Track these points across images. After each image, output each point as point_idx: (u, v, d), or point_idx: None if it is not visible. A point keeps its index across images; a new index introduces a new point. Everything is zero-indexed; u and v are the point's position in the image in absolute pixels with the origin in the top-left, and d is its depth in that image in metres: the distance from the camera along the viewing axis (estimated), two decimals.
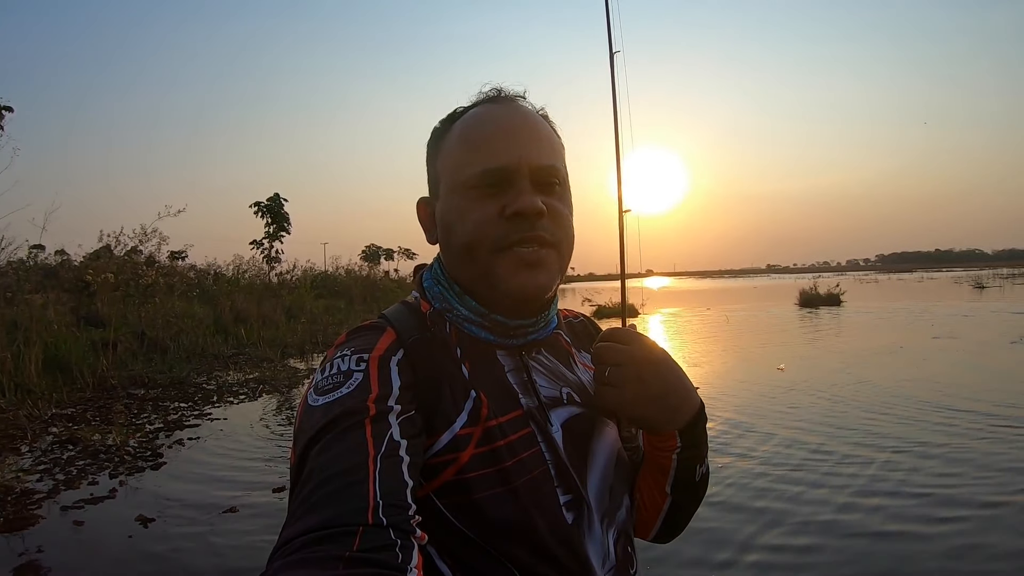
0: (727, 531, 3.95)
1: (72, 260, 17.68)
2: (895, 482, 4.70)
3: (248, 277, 25.11)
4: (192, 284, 20.50)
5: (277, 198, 30.22)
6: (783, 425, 6.55)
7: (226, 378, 10.74)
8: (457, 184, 0.87)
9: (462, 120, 0.91)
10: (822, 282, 28.68)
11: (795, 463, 5.25)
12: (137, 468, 5.64)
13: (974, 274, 65.38)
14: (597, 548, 0.86)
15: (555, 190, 0.88)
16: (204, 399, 8.91)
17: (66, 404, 8.41)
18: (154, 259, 16.90)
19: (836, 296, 26.28)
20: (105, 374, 10.02)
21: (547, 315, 0.94)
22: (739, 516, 4.19)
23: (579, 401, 0.93)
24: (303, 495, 0.66)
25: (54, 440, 6.61)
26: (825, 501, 4.39)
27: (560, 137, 0.94)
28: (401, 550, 0.61)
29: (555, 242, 0.87)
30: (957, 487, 4.54)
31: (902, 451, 5.45)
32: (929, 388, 8.13)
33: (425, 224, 0.97)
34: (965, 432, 5.99)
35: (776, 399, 7.94)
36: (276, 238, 29.68)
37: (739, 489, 4.68)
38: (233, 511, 4.54)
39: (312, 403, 0.77)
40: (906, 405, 7.26)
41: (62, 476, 5.41)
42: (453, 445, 0.80)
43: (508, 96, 0.93)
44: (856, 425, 6.45)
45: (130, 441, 6.47)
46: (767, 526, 4.00)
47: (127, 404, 8.46)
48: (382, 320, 0.90)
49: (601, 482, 0.90)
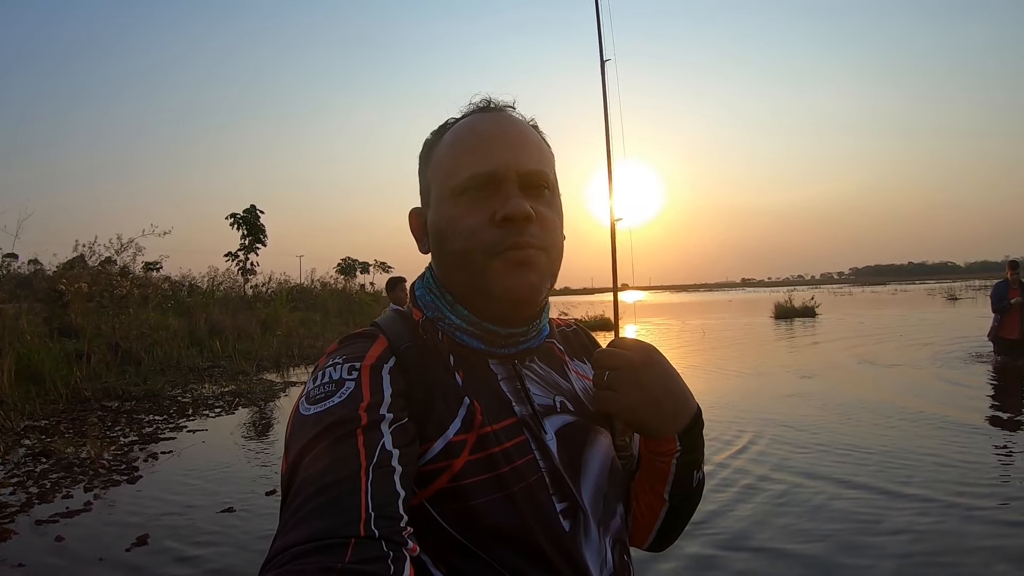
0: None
1: (46, 270, 17.39)
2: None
3: (223, 289, 24.88)
4: (167, 296, 20.28)
5: (253, 210, 30.02)
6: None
7: (201, 391, 10.66)
8: (447, 191, 0.88)
9: (452, 130, 0.92)
10: (797, 295, 28.95)
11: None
12: (113, 482, 5.59)
13: (947, 286, 66.20)
14: (595, 556, 0.85)
15: (544, 195, 0.88)
16: (179, 412, 8.84)
17: (39, 416, 8.32)
18: (128, 270, 16.73)
19: (811, 308, 26.57)
20: (79, 386, 9.93)
21: (539, 324, 0.94)
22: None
23: (573, 410, 0.92)
24: (295, 506, 0.66)
25: (27, 452, 6.55)
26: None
27: (550, 146, 0.95)
28: (393, 562, 0.62)
29: (544, 247, 0.86)
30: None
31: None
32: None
33: (417, 234, 0.97)
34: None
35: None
36: (252, 250, 29.47)
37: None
38: (215, 523, 4.53)
39: (304, 412, 0.76)
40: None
41: (35, 489, 5.36)
42: (447, 452, 0.79)
43: (498, 106, 0.94)
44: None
45: (104, 454, 6.42)
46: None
47: (101, 416, 8.39)
48: (374, 328, 0.90)
49: (595, 490, 0.89)
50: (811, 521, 4.20)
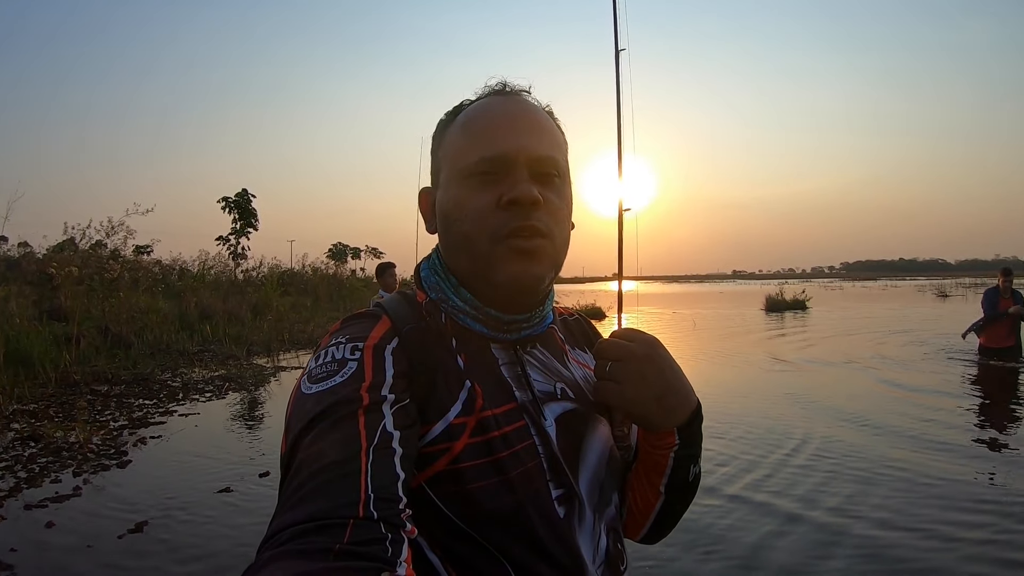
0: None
1: (35, 252, 17.35)
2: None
3: (214, 273, 24.81)
4: (157, 279, 20.22)
5: (245, 194, 29.94)
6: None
7: (191, 375, 10.62)
8: (456, 172, 0.88)
9: (466, 111, 0.92)
10: (787, 288, 29.06)
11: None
12: (102, 466, 5.57)
13: (937, 283, 66.55)
14: (588, 543, 0.86)
15: (553, 182, 0.88)
16: (169, 396, 8.80)
17: (28, 400, 8.26)
18: (119, 253, 16.65)
19: (802, 302, 26.72)
20: (68, 369, 9.86)
21: (542, 311, 0.94)
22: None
23: (573, 397, 0.93)
24: (294, 485, 0.66)
25: (15, 436, 6.50)
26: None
27: (563, 133, 0.95)
28: (391, 544, 0.62)
29: (550, 234, 0.86)
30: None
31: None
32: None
33: (425, 214, 0.97)
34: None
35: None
36: (243, 234, 29.39)
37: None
38: (208, 507, 4.53)
39: (305, 391, 0.76)
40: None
41: (24, 474, 5.33)
42: (447, 434, 0.80)
43: (513, 90, 0.93)
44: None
45: (94, 438, 6.39)
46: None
47: (90, 400, 8.34)
48: (377, 308, 0.90)
49: (593, 478, 0.90)
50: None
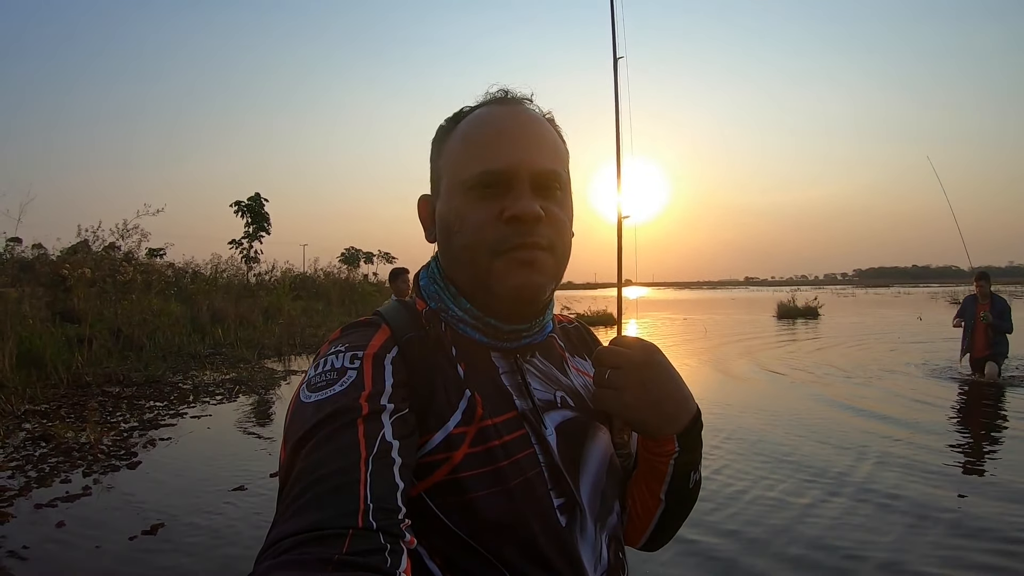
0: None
1: (49, 254, 17.51)
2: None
3: (226, 277, 24.95)
4: (170, 282, 20.34)
5: (258, 197, 30.14)
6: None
7: (202, 378, 10.66)
8: (457, 184, 0.87)
9: (466, 120, 0.90)
10: (800, 295, 28.91)
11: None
12: (112, 467, 5.60)
13: (950, 290, 65.97)
14: (590, 552, 0.85)
15: (555, 195, 0.87)
16: (180, 399, 8.84)
17: (40, 400, 8.33)
18: (132, 255, 16.76)
19: (814, 309, 26.49)
20: (80, 371, 9.94)
21: (542, 320, 0.93)
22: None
23: (573, 405, 0.92)
24: (293, 495, 0.65)
25: (27, 436, 6.56)
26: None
27: (565, 143, 0.94)
28: (390, 554, 0.61)
29: (551, 247, 0.86)
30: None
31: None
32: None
33: (425, 221, 0.97)
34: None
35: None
36: (255, 238, 29.58)
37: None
38: (216, 509, 4.53)
39: (304, 400, 0.75)
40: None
41: (34, 473, 5.37)
42: (446, 444, 0.79)
43: (515, 98, 0.92)
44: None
45: (104, 439, 6.42)
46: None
47: (101, 402, 8.39)
48: (377, 317, 0.89)
49: (593, 486, 0.89)
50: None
